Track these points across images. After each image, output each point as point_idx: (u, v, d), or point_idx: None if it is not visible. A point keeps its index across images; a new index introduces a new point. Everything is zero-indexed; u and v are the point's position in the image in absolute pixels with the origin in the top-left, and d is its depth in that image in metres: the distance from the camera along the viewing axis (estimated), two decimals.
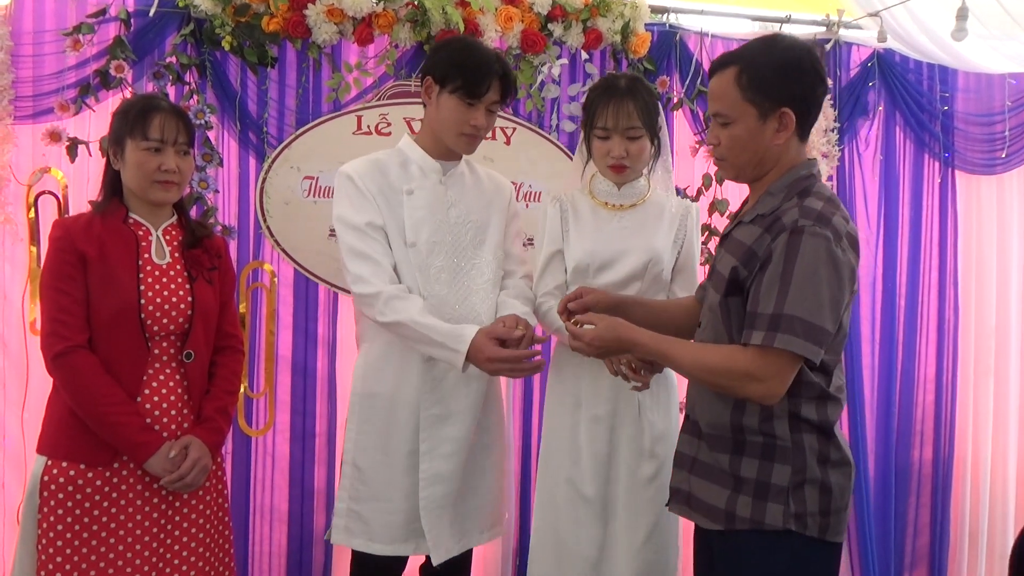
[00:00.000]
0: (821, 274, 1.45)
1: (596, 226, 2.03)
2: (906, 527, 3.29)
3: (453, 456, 1.96)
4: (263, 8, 2.54)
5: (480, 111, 1.92)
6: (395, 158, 2.00)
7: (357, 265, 1.89)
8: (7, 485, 2.53)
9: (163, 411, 1.79)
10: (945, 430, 3.31)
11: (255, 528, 2.74)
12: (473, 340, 1.80)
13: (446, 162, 2.00)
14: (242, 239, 2.67)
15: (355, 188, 1.93)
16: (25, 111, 2.47)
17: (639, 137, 1.95)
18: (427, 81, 1.95)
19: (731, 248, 1.60)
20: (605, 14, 2.78)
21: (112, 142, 1.83)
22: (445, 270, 1.95)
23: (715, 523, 1.60)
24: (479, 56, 1.92)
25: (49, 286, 1.75)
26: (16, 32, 2.45)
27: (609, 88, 1.98)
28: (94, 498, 1.73)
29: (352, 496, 1.99)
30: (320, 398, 2.77)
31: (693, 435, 1.68)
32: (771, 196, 1.57)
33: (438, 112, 1.94)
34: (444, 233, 1.96)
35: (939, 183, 3.29)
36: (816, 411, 1.55)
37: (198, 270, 1.85)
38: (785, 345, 1.45)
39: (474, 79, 1.88)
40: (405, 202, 1.94)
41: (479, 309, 1.97)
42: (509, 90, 1.96)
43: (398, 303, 1.85)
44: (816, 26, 3.12)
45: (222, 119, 2.62)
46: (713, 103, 1.60)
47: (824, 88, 1.59)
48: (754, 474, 1.55)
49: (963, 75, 3.28)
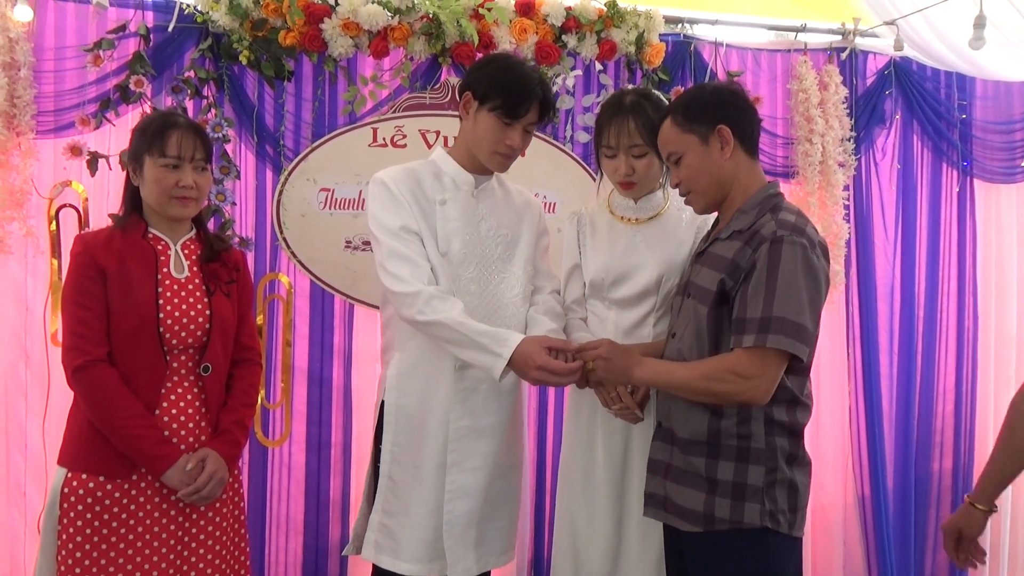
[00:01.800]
0: (801, 279, 1.58)
1: (611, 241, 2.03)
2: (926, 540, 3.25)
3: (479, 471, 1.94)
4: (280, 22, 2.56)
5: (517, 131, 1.91)
6: (429, 168, 1.99)
7: (396, 265, 1.86)
8: (28, 495, 2.57)
9: (181, 424, 1.81)
10: (965, 441, 3.27)
11: (271, 538, 2.75)
12: (520, 347, 1.76)
13: (479, 176, 2.00)
14: (259, 251, 2.70)
15: (389, 193, 1.91)
16: (47, 126, 2.50)
17: (644, 154, 1.95)
18: (466, 96, 1.93)
19: (712, 263, 1.71)
20: (619, 25, 2.78)
21: (131, 158, 1.86)
22: (475, 282, 1.95)
23: (693, 525, 1.68)
24: (521, 77, 1.91)
25: (70, 300, 1.77)
26: (38, 48, 2.49)
27: (613, 106, 1.98)
28: (113, 510, 1.75)
29: (386, 510, 1.96)
30: (336, 409, 2.79)
31: (666, 442, 1.76)
32: (744, 214, 1.70)
33: (475, 128, 1.93)
34: (474, 245, 1.95)
35: (957, 192, 3.26)
36: (787, 414, 1.66)
37: (216, 283, 1.87)
38: (776, 344, 1.56)
39: (515, 100, 1.87)
40: (438, 211, 1.93)
41: (509, 323, 1.96)
42: (547, 112, 1.95)
43: (438, 303, 1.82)
44: (832, 34, 3.11)
45: (239, 132, 2.65)
46: (663, 149, 1.78)
47: (752, 112, 1.76)
48: (730, 476, 1.64)
49: (981, 83, 3.25)
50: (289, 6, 2.53)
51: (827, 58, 3.10)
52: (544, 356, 1.76)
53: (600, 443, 2.01)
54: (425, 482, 1.94)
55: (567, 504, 2.06)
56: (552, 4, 2.72)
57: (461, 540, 1.93)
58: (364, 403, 2.77)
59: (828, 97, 3.04)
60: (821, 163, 3.02)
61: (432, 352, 1.92)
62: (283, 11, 2.54)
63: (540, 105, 1.91)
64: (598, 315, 2.03)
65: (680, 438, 1.72)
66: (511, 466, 2.04)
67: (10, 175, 2.46)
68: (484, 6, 2.65)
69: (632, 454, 1.99)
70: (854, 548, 3.20)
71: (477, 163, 1.98)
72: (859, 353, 3.14)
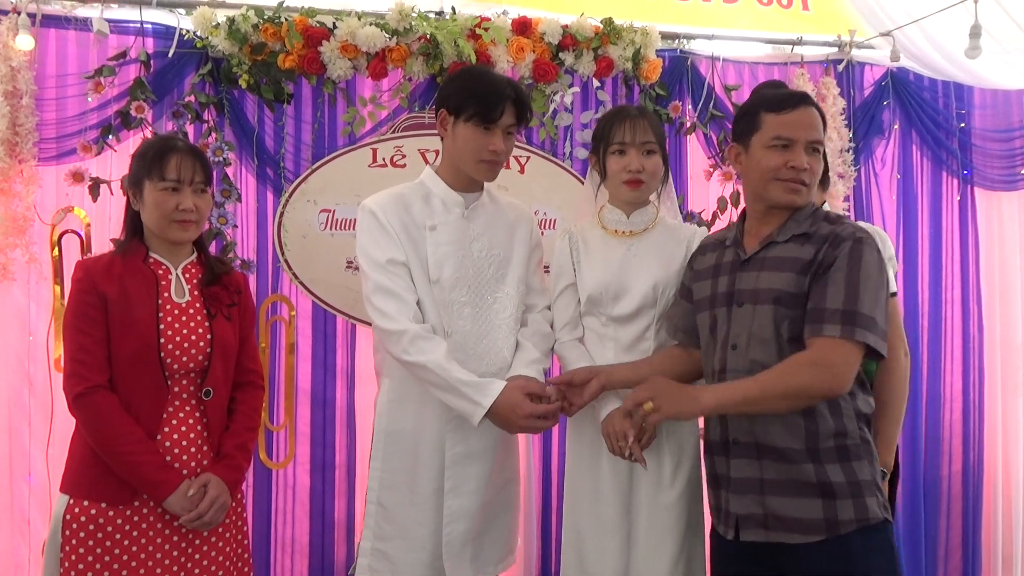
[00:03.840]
0: (877, 279, 1.62)
1: (606, 255, 2.02)
2: (937, 548, 3.23)
3: (476, 493, 1.95)
4: (279, 46, 2.59)
5: (497, 136, 1.91)
6: (417, 192, 1.98)
7: (382, 300, 1.87)
8: (32, 522, 2.56)
9: (182, 448, 1.80)
10: (974, 450, 3.26)
11: (276, 560, 2.74)
12: (502, 396, 1.81)
13: (468, 194, 1.99)
14: (261, 273, 2.71)
15: (378, 224, 1.91)
16: (49, 152, 2.53)
17: (654, 152, 1.98)
18: (441, 114, 1.95)
19: (778, 265, 1.70)
20: (616, 42, 2.80)
21: (131, 184, 1.87)
22: (468, 305, 1.94)
23: (812, 535, 1.62)
24: (490, 82, 1.93)
25: (71, 326, 1.77)
26: (40, 76, 2.51)
27: (620, 110, 2.03)
28: (115, 537, 1.74)
29: (377, 535, 1.97)
30: (340, 429, 2.78)
31: (752, 458, 1.70)
32: (797, 222, 1.73)
33: (455, 142, 1.93)
34: (467, 268, 1.95)
35: (958, 200, 3.26)
36: (866, 406, 1.70)
37: (217, 307, 1.87)
38: (862, 338, 1.58)
39: (488, 104, 1.88)
40: (428, 238, 1.93)
41: (500, 344, 1.96)
42: (524, 112, 1.94)
43: (423, 343, 1.84)
44: (828, 47, 3.13)
45: (240, 155, 2.67)
46: (817, 135, 1.75)
47: None
48: (842, 477, 1.63)
49: (979, 91, 3.26)
50: (288, 29, 2.56)
51: (824, 70, 3.11)
52: (529, 404, 1.82)
53: (605, 459, 2.00)
54: (422, 506, 1.94)
55: (574, 522, 2.04)
56: (549, 22, 2.74)
57: (459, 558, 1.95)
58: (368, 423, 2.75)
59: (826, 109, 3.04)
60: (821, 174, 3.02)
61: None
62: (282, 35, 2.57)
63: (514, 105, 1.91)
64: (596, 332, 2.01)
65: (774, 449, 1.67)
66: (506, 480, 2.04)
67: (13, 202, 2.48)
68: (481, 26, 2.67)
69: (638, 469, 1.98)
70: None
71: (465, 179, 1.97)
72: None
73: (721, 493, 1.76)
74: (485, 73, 2.01)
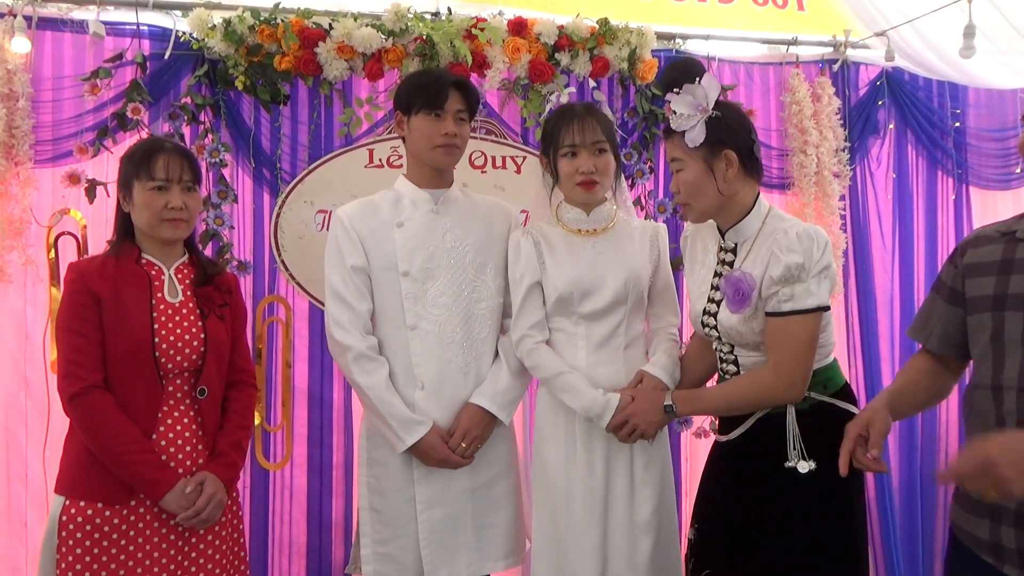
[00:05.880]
0: None
1: (572, 254, 2.00)
2: (934, 546, 3.23)
3: (450, 478, 1.98)
4: (275, 47, 2.59)
5: (448, 120, 1.97)
6: (388, 196, 2.06)
7: (336, 308, 1.97)
8: (29, 524, 2.56)
9: (178, 448, 1.81)
10: None
11: (274, 561, 2.74)
12: (424, 439, 1.92)
13: (435, 190, 2.05)
14: (257, 274, 2.71)
15: (343, 230, 1.99)
16: (45, 155, 2.53)
17: (605, 151, 1.97)
18: (397, 116, 2.04)
19: None
20: (611, 42, 2.80)
21: (121, 186, 1.88)
22: (445, 294, 1.99)
23: None
24: (432, 74, 2.08)
25: (65, 328, 1.78)
26: (36, 78, 2.51)
27: (568, 110, 2.01)
28: (112, 536, 1.75)
29: (376, 539, 1.99)
30: (337, 430, 2.78)
31: None
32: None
33: (412, 137, 2.01)
34: (440, 258, 2.00)
35: (953, 199, 3.27)
36: None
37: (209, 307, 1.88)
38: None
39: (431, 92, 1.96)
40: (396, 234, 2.00)
41: (482, 335, 2.01)
42: (470, 96, 2.01)
43: (366, 363, 1.94)
44: (823, 47, 3.13)
45: (236, 157, 2.67)
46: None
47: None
48: None
49: (974, 91, 3.27)
50: (284, 31, 2.56)
51: (819, 70, 3.12)
52: (445, 449, 1.94)
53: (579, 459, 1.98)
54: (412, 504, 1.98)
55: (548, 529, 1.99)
56: (544, 23, 2.75)
57: (440, 548, 1.97)
58: None
59: (821, 108, 3.06)
60: (816, 174, 3.03)
61: None
62: (278, 36, 2.57)
63: (458, 90, 1.98)
64: (567, 332, 1.99)
65: None
66: (494, 477, 2.06)
67: (9, 204, 2.48)
68: (477, 26, 2.67)
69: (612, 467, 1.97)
70: None
71: (430, 175, 2.04)
72: (860, 363, 3.13)
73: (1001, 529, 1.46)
74: (425, 70, 2.19)
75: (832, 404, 1.78)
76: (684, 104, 1.76)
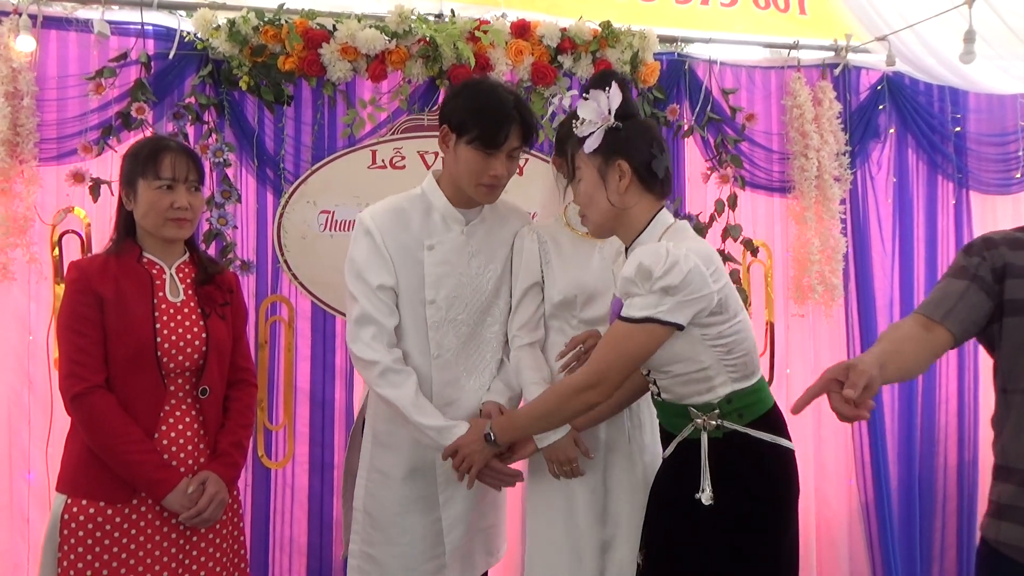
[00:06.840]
0: None
1: (579, 258, 1.98)
2: (932, 547, 3.25)
3: (469, 497, 1.98)
4: (279, 48, 2.60)
5: (500, 160, 1.84)
6: (418, 204, 1.94)
7: (362, 328, 1.86)
8: (32, 521, 2.57)
9: (180, 447, 1.81)
10: (968, 450, 3.28)
11: (275, 560, 2.75)
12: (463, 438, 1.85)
13: (468, 210, 1.95)
14: (260, 273, 2.72)
15: (373, 245, 1.88)
16: (49, 153, 2.53)
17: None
18: (443, 129, 1.87)
19: None
20: (614, 45, 2.81)
21: (124, 184, 1.87)
22: (466, 323, 1.94)
23: None
24: (496, 103, 1.82)
25: (66, 327, 1.78)
26: (41, 77, 2.52)
27: None
28: (113, 535, 1.75)
29: (365, 540, 1.99)
30: (338, 429, 2.79)
31: None
32: None
33: (456, 162, 1.87)
34: (464, 286, 1.94)
35: (954, 204, 3.29)
36: None
37: (211, 306, 1.88)
38: None
39: (492, 129, 1.80)
40: (427, 257, 1.90)
41: (486, 356, 1.99)
42: (530, 134, 1.88)
43: (393, 376, 1.85)
44: (824, 51, 3.15)
45: (240, 157, 2.68)
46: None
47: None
48: None
49: (974, 96, 3.29)
50: (288, 32, 2.57)
51: (820, 74, 3.13)
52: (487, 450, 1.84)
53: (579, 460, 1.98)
54: (412, 512, 1.97)
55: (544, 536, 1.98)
56: (547, 25, 2.76)
57: (464, 560, 2.00)
58: None
59: (822, 112, 3.07)
60: (817, 178, 3.05)
61: None
62: (282, 37, 2.58)
63: (520, 128, 1.85)
64: (565, 335, 1.96)
65: None
66: None
67: (13, 202, 2.48)
68: (480, 28, 2.68)
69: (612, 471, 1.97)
70: (859, 558, 3.19)
71: (465, 196, 1.93)
72: None
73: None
74: (490, 91, 1.87)
75: (746, 434, 1.65)
76: (589, 111, 1.69)
